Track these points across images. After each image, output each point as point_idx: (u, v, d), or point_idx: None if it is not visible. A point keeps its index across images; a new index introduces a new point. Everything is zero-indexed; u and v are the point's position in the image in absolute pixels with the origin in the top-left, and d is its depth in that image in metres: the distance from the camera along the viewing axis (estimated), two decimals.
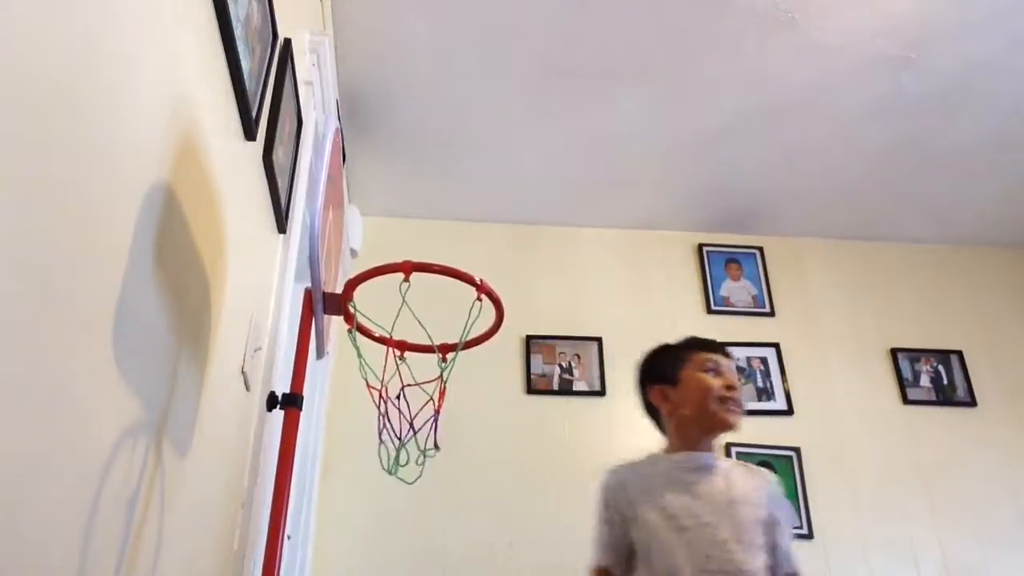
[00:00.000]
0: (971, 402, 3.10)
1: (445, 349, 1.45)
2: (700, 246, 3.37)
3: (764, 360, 3.11)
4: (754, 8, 2.33)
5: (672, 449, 1.50)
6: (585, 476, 2.88)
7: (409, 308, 1.27)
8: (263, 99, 1.47)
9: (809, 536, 2.73)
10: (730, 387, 1.46)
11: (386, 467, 1.39)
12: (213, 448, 1.28)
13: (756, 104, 2.72)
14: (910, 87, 2.64)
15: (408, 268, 1.34)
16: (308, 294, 1.46)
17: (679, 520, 1.36)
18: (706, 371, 1.48)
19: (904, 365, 3.16)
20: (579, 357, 3.04)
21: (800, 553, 1.43)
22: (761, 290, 3.29)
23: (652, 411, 1.58)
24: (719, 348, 1.54)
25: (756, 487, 1.44)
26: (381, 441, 1.41)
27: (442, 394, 1.42)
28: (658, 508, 1.39)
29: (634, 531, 1.41)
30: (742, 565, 1.31)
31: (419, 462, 1.40)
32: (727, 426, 1.45)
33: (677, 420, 1.50)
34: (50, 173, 0.67)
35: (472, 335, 1.42)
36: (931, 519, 2.84)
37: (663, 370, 1.55)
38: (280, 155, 1.65)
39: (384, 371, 1.41)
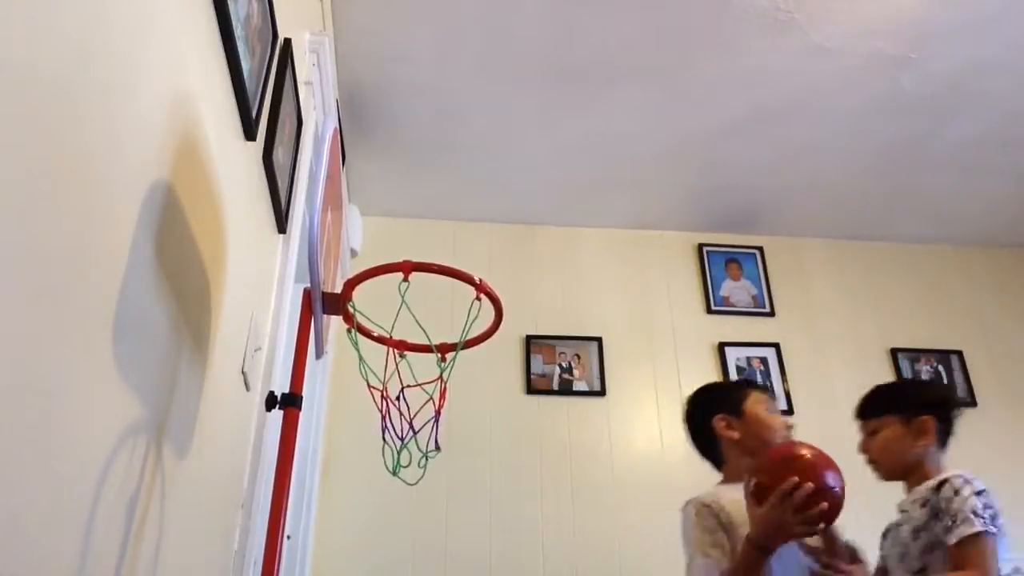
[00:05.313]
0: (971, 402, 3.10)
1: (444, 349, 1.45)
2: (700, 246, 3.37)
3: (764, 360, 3.11)
4: (754, 8, 2.33)
5: (736, 478, 1.53)
6: (585, 476, 2.89)
7: (408, 308, 1.27)
8: (263, 99, 1.47)
9: None
10: (789, 427, 1.61)
11: (389, 468, 1.39)
12: (213, 448, 1.29)
13: (756, 104, 2.72)
14: (910, 87, 2.64)
15: (407, 268, 1.34)
16: (307, 294, 1.46)
17: None
18: (766, 409, 1.62)
19: (904, 365, 3.16)
20: (579, 357, 3.04)
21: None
22: (761, 290, 3.29)
23: (706, 439, 1.66)
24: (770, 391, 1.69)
25: None
26: (385, 442, 1.41)
27: (443, 394, 1.41)
28: None
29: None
30: None
31: (421, 464, 1.40)
32: None
33: (741, 449, 1.59)
34: (50, 173, 0.67)
35: (472, 335, 1.42)
36: None
37: (726, 401, 1.65)
38: (280, 155, 1.65)
39: (385, 371, 1.41)
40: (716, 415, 1.63)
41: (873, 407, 1.69)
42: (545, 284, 3.21)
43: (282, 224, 1.76)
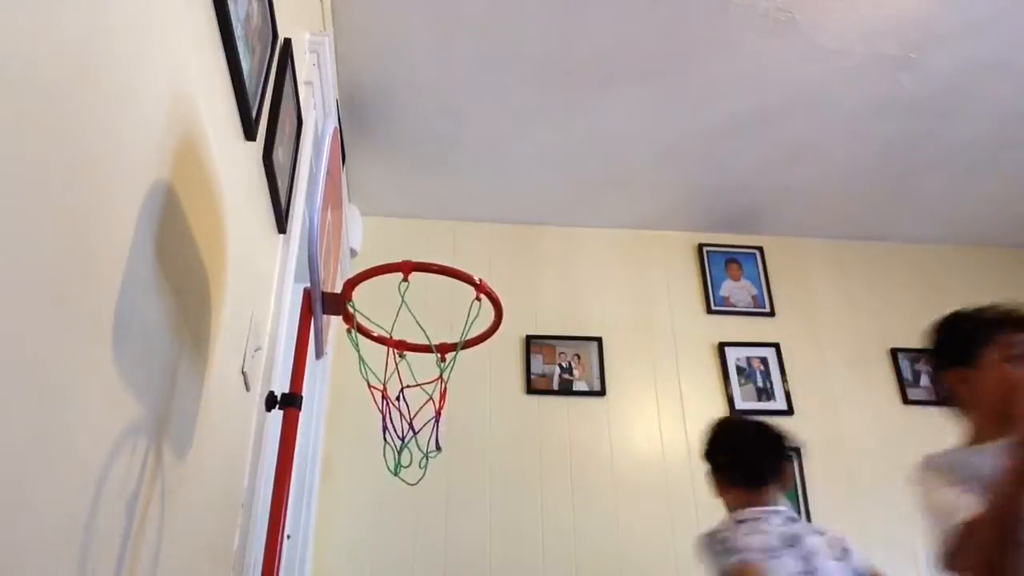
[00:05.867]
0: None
1: (444, 349, 1.45)
2: (700, 246, 3.37)
3: (764, 360, 3.11)
4: (754, 8, 2.33)
5: (976, 441, 1.27)
6: (585, 476, 2.89)
7: (408, 308, 1.27)
8: (263, 99, 1.47)
9: None
10: None
11: (390, 468, 1.39)
12: (213, 448, 1.28)
13: (756, 104, 2.72)
14: (910, 87, 2.64)
15: (407, 268, 1.34)
16: (307, 294, 1.46)
17: None
18: (1013, 359, 1.24)
19: (904, 365, 3.16)
20: (579, 357, 3.04)
21: None
22: (761, 290, 3.29)
23: (945, 389, 1.37)
24: None
25: None
26: (385, 442, 1.41)
27: (443, 394, 1.42)
28: None
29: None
30: None
31: (421, 464, 1.40)
32: None
33: (982, 412, 1.27)
34: (50, 173, 0.67)
35: (472, 335, 1.42)
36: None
37: (959, 348, 1.32)
38: (280, 155, 1.65)
39: (385, 372, 1.41)
40: (950, 369, 1.33)
41: None
42: (545, 284, 3.21)
43: (282, 224, 1.76)
